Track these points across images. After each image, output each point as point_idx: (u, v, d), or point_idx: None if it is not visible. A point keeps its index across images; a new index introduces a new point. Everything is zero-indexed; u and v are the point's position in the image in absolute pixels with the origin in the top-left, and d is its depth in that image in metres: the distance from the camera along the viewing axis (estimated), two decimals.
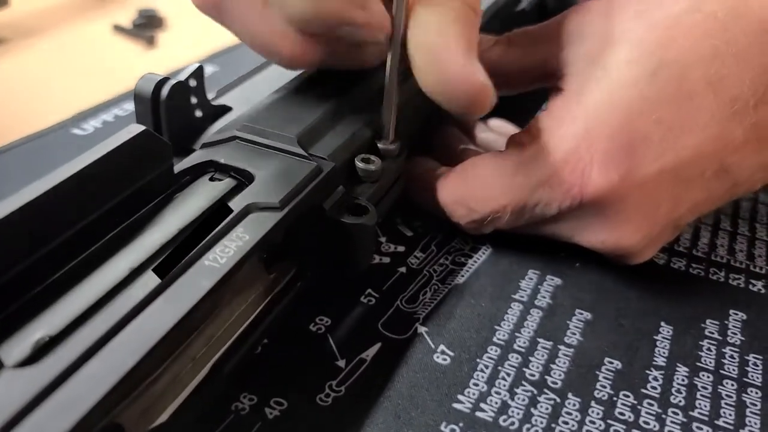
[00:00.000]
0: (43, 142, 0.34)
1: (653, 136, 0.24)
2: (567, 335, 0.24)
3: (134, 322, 0.16)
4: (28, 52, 0.49)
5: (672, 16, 0.24)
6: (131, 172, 0.19)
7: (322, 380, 0.21)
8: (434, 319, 0.24)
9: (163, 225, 0.19)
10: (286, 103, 0.25)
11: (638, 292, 0.27)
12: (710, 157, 0.24)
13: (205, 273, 0.17)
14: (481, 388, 0.22)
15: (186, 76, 0.24)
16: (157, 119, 0.24)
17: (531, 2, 0.43)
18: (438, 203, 0.28)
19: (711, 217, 0.31)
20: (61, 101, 0.41)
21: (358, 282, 0.26)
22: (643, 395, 0.22)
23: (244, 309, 0.21)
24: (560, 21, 0.27)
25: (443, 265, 0.27)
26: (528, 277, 0.27)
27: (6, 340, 0.15)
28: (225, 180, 0.21)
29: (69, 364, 0.14)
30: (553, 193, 0.25)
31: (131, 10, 0.55)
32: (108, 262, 0.17)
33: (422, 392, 0.21)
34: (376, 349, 0.23)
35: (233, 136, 0.23)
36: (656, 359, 0.23)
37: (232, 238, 0.18)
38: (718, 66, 0.23)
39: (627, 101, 0.24)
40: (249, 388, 0.21)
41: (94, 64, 0.48)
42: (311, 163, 0.22)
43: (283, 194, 0.20)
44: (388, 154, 0.25)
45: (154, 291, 0.16)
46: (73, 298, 0.16)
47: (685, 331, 0.25)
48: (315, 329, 0.23)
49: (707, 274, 0.28)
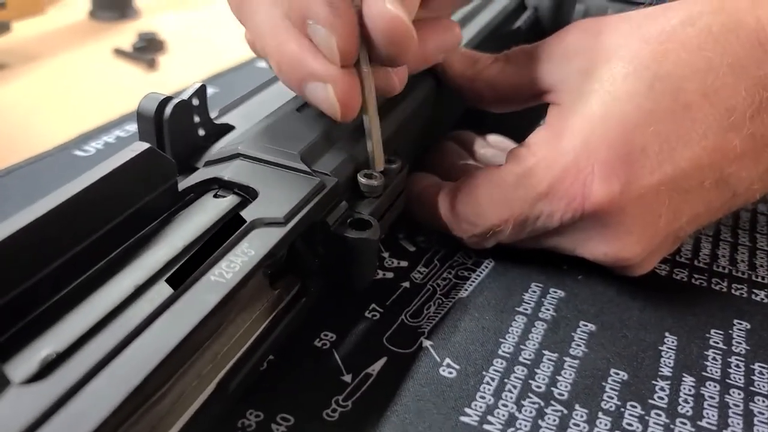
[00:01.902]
0: (46, 164, 0.34)
1: (651, 147, 0.24)
2: (572, 347, 0.24)
3: (141, 338, 0.16)
4: (30, 76, 0.49)
5: (665, 31, 0.25)
6: (136, 189, 0.19)
7: (328, 395, 0.21)
8: (439, 332, 0.24)
9: (168, 242, 0.19)
10: (288, 120, 0.25)
11: (641, 303, 0.27)
12: (709, 167, 0.24)
13: (212, 288, 0.17)
14: (488, 400, 0.22)
15: (189, 95, 0.24)
16: (161, 138, 0.24)
17: (526, 21, 0.44)
18: (439, 218, 0.28)
19: (711, 228, 0.32)
20: (64, 123, 0.41)
21: (362, 297, 0.26)
22: (651, 406, 0.22)
23: (250, 325, 0.21)
24: (557, 38, 0.27)
25: (446, 279, 0.27)
26: (531, 290, 0.27)
27: (13, 356, 0.15)
28: (229, 197, 0.21)
29: (76, 381, 0.14)
30: (554, 206, 0.25)
31: (132, 33, 0.56)
32: (114, 279, 0.17)
33: (429, 406, 0.21)
34: (382, 363, 0.23)
35: (236, 154, 0.23)
36: (662, 369, 0.23)
37: (238, 254, 0.18)
38: (713, 78, 0.24)
39: (624, 114, 0.24)
40: (255, 404, 0.21)
41: (95, 86, 0.49)
42: (315, 179, 0.22)
43: (288, 209, 0.20)
44: (372, 191, 0.24)
45: (160, 307, 0.16)
46: (79, 315, 0.16)
47: (689, 342, 0.25)
48: (320, 344, 0.23)
49: (710, 285, 0.28)
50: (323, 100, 0.21)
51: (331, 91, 0.21)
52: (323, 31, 0.21)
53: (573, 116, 0.25)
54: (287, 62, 0.22)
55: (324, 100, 0.21)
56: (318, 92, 0.21)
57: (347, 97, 0.21)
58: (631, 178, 0.24)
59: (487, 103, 0.30)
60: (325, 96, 0.21)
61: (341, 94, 0.21)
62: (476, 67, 0.30)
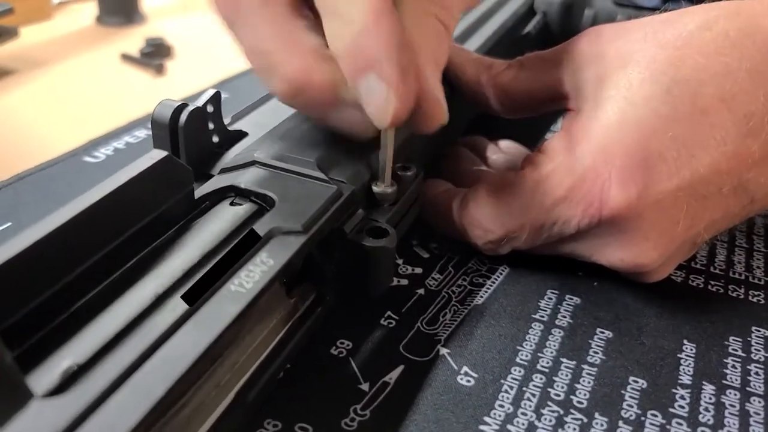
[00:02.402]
0: (56, 170, 0.34)
1: (669, 153, 0.24)
2: (589, 354, 0.24)
3: (162, 349, 0.16)
4: (38, 82, 0.49)
5: (682, 36, 0.25)
6: (154, 197, 0.19)
7: (346, 404, 0.21)
8: (456, 340, 0.24)
9: (186, 251, 0.19)
10: (303, 127, 0.25)
11: (658, 310, 0.26)
12: (727, 173, 0.24)
13: (232, 298, 0.17)
14: (507, 409, 0.21)
15: (203, 102, 0.24)
16: (176, 145, 0.24)
17: (536, 26, 0.44)
18: (453, 225, 0.28)
19: (726, 234, 0.31)
20: (73, 130, 0.41)
21: (377, 304, 0.25)
22: (672, 414, 0.22)
23: (267, 334, 0.20)
24: (572, 44, 0.27)
25: (461, 286, 0.27)
26: (547, 296, 0.27)
27: (35, 368, 0.15)
28: (246, 205, 0.21)
29: (99, 394, 0.14)
30: (571, 211, 0.25)
31: (138, 38, 0.56)
32: (133, 289, 0.17)
33: (448, 414, 0.21)
34: (399, 371, 0.23)
35: (252, 161, 0.23)
36: (681, 377, 0.23)
37: (257, 263, 0.18)
38: (731, 83, 0.24)
39: (641, 119, 0.24)
40: (273, 414, 0.21)
41: (103, 92, 0.49)
42: (332, 187, 0.22)
43: (306, 218, 0.20)
44: (385, 198, 0.24)
45: (181, 317, 0.16)
46: (99, 325, 0.16)
47: (708, 349, 0.25)
48: (336, 353, 0.23)
49: (726, 291, 0.28)
50: (378, 103, 0.20)
51: (391, 95, 0.20)
52: (384, 91, 0.20)
53: (590, 122, 0.25)
54: (316, 80, 0.21)
55: (378, 105, 0.20)
56: (375, 96, 0.20)
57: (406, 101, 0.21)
58: (648, 184, 0.24)
59: (501, 110, 0.30)
60: (380, 99, 0.20)
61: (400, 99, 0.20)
62: (490, 72, 0.29)
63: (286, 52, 0.21)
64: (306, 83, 0.21)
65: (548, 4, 0.45)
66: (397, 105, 0.20)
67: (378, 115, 0.21)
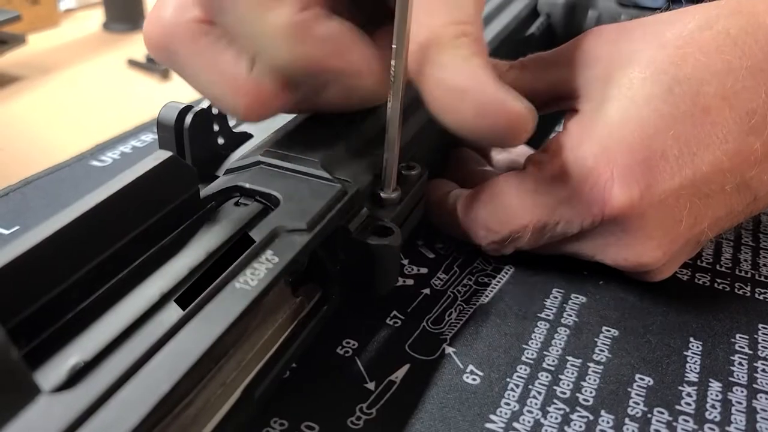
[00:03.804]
0: (64, 174, 0.34)
1: (671, 151, 0.24)
2: (595, 352, 0.24)
3: (168, 346, 0.16)
4: (45, 88, 0.50)
5: (683, 35, 0.25)
6: (159, 197, 0.19)
7: (352, 403, 0.21)
8: (461, 339, 0.24)
9: (192, 250, 0.19)
10: (306, 128, 0.25)
11: (664, 309, 0.26)
12: (730, 171, 0.24)
13: (237, 295, 0.17)
14: (513, 407, 0.21)
15: (208, 104, 0.24)
16: (181, 146, 0.24)
17: (539, 27, 0.44)
18: (458, 225, 0.28)
19: (732, 232, 0.31)
20: (80, 134, 0.41)
21: (383, 304, 0.26)
22: (678, 412, 0.22)
23: (273, 332, 0.21)
24: (573, 45, 0.27)
25: (467, 285, 0.27)
26: (552, 295, 0.27)
27: (42, 365, 0.15)
28: (251, 204, 0.21)
29: (105, 390, 0.14)
30: (574, 211, 0.25)
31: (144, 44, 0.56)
32: (139, 288, 0.17)
33: (454, 413, 0.21)
34: (405, 370, 0.23)
35: (257, 161, 0.23)
36: (688, 375, 0.23)
37: (262, 261, 0.18)
38: (733, 81, 0.24)
39: (642, 118, 0.24)
40: (279, 412, 0.21)
41: (110, 97, 0.49)
42: (336, 186, 0.22)
43: (310, 217, 0.20)
44: (390, 203, 0.24)
45: (186, 314, 0.16)
46: (105, 323, 0.16)
47: (714, 347, 0.25)
48: (342, 352, 0.23)
49: (732, 289, 0.28)
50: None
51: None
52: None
53: (592, 122, 0.25)
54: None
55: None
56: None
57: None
58: (651, 183, 0.24)
59: None
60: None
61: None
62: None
63: (229, 91, 0.22)
64: (259, 111, 0.22)
65: (552, 6, 0.45)
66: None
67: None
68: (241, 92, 0.22)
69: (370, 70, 0.22)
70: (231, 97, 0.22)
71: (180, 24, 0.22)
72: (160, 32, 0.22)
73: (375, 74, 0.23)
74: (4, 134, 0.43)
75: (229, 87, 0.22)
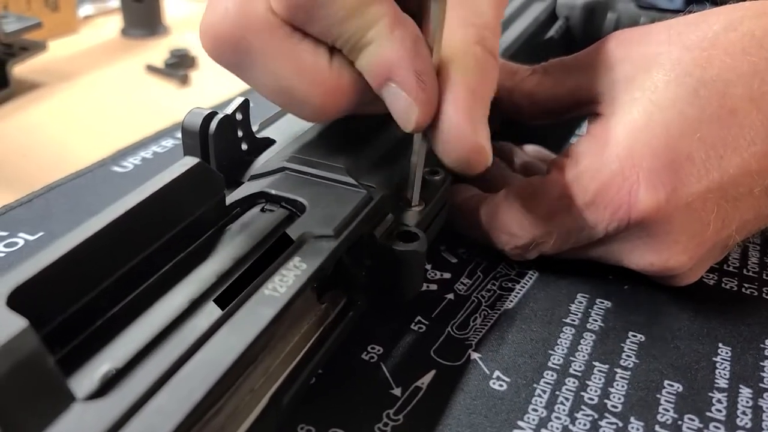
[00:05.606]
0: (86, 180, 0.34)
1: (697, 154, 0.24)
2: (623, 358, 0.24)
3: (199, 354, 0.16)
4: (66, 95, 0.50)
5: (708, 37, 0.24)
6: (187, 203, 0.19)
7: (379, 409, 0.21)
8: (487, 344, 0.24)
9: (220, 256, 0.19)
10: (331, 133, 0.25)
11: (691, 314, 0.26)
12: (758, 174, 0.24)
13: (267, 302, 0.17)
14: (541, 413, 0.21)
15: (232, 110, 0.24)
16: (206, 152, 0.24)
17: (558, 30, 0.43)
18: (481, 230, 0.27)
19: (759, 236, 0.31)
20: (101, 140, 0.41)
21: (407, 309, 0.25)
22: (709, 418, 0.21)
23: (299, 339, 0.21)
24: (595, 49, 0.27)
25: (491, 290, 0.27)
26: (578, 300, 0.26)
27: (74, 372, 0.15)
28: (277, 211, 0.21)
29: (137, 398, 0.14)
30: (599, 215, 0.25)
31: (162, 50, 0.57)
32: (168, 294, 0.18)
33: (481, 419, 0.21)
34: (431, 376, 0.23)
35: (282, 168, 0.23)
36: (718, 381, 0.23)
37: (290, 268, 0.18)
38: (760, 82, 0.23)
39: (667, 121, 0.24)
40: (306, 419, 0.21)
41: (129, 103, 0.49)
42: (362, 192, 0.22)
43: (337, 223, 0.20)
44: (414, 208, 0.24)
45: (217, 322, 0.16)
46: (136, 330, 0.16)
47: (744, 352, 0.24)
48: (368, 358, 0.23)
49: (761, 294, 0.27)
50: (400, 109, 0.21)
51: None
52: (405, 99, 0.20)
53: (616, 125, 0.25)
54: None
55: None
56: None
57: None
58: (677, 186, 0.24)
59: (526, 116, 0.30)
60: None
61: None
62: (514, 78, 0.29)
63: (308, 84, 0.21)
64: (335, 106, 0.21)
65: (570, 9, 0.45)
66: (418, 111, 0.20)
67: (402, 122, 0.21)
68: (321, 85, 0.21)
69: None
70: (309, 90, 0.21)
71: (255, 15, 0.21)
72: (231, 25, 0.21)
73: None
74: (27, 141, 0.43)
75: (308, 79, 0.21)
